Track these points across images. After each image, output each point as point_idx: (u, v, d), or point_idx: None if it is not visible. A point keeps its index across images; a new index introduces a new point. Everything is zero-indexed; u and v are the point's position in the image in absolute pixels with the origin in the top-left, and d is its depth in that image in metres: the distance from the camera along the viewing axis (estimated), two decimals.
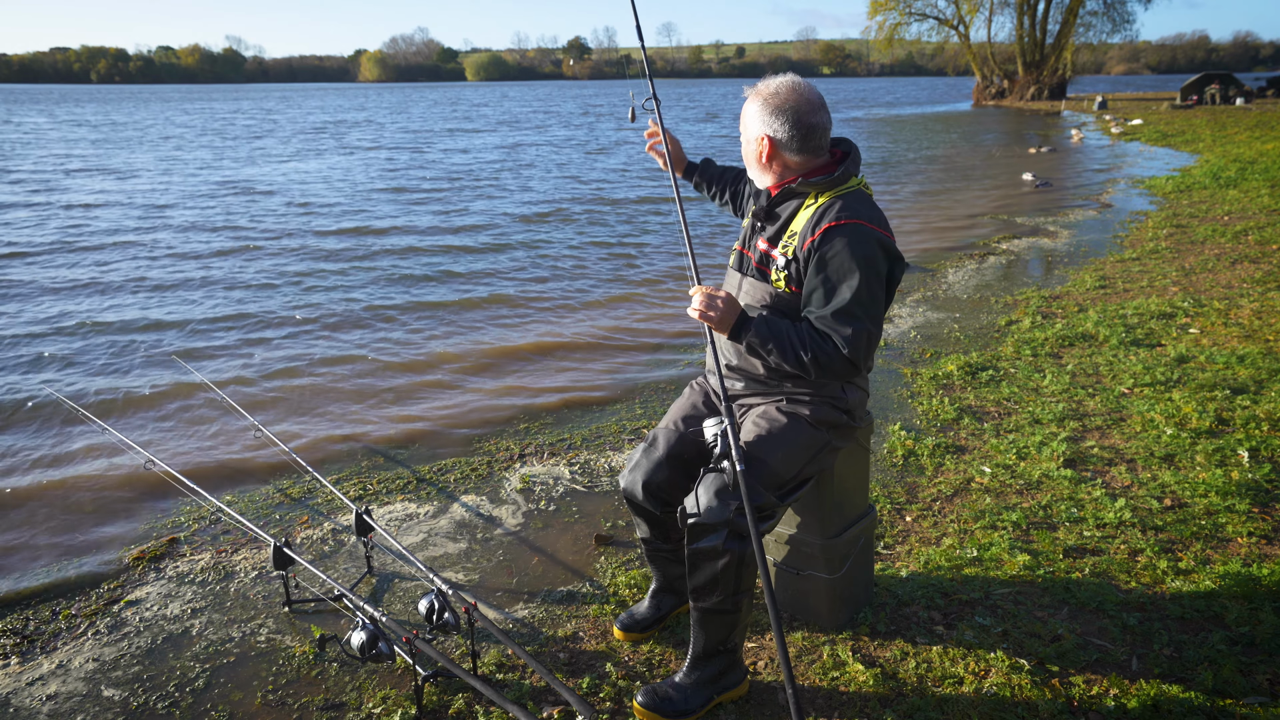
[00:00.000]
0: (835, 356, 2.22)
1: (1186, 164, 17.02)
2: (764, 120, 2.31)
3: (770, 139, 2.32)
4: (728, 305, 2.25)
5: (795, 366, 2.26)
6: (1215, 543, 3.14)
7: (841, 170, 2.32)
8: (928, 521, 3.40)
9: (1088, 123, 32.19)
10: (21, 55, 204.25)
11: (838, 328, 2.21)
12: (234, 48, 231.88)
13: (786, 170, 2.36)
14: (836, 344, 2.21)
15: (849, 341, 2.20)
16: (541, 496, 3.84)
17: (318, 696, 2.54)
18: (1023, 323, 6.21)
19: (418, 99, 69.62)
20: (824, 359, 2.22)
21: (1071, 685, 2.42)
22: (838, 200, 2.28)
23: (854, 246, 2.21)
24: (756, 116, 2.32)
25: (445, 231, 11.16)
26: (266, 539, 2.98)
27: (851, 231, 2.22)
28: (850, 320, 2.20)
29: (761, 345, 2.25)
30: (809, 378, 2.31)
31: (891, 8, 54.83)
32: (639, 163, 19.59)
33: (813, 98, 2.31)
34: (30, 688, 2.64)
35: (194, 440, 4.69)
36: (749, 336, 2.26)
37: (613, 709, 2.42)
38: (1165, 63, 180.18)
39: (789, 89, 2.29)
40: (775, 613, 1.99)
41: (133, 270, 8.97)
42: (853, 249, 2.21)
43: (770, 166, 2.36)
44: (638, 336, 6.61)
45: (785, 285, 2.33)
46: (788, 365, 2.27)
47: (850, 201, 2.28)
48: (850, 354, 2.21)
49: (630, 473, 2.53)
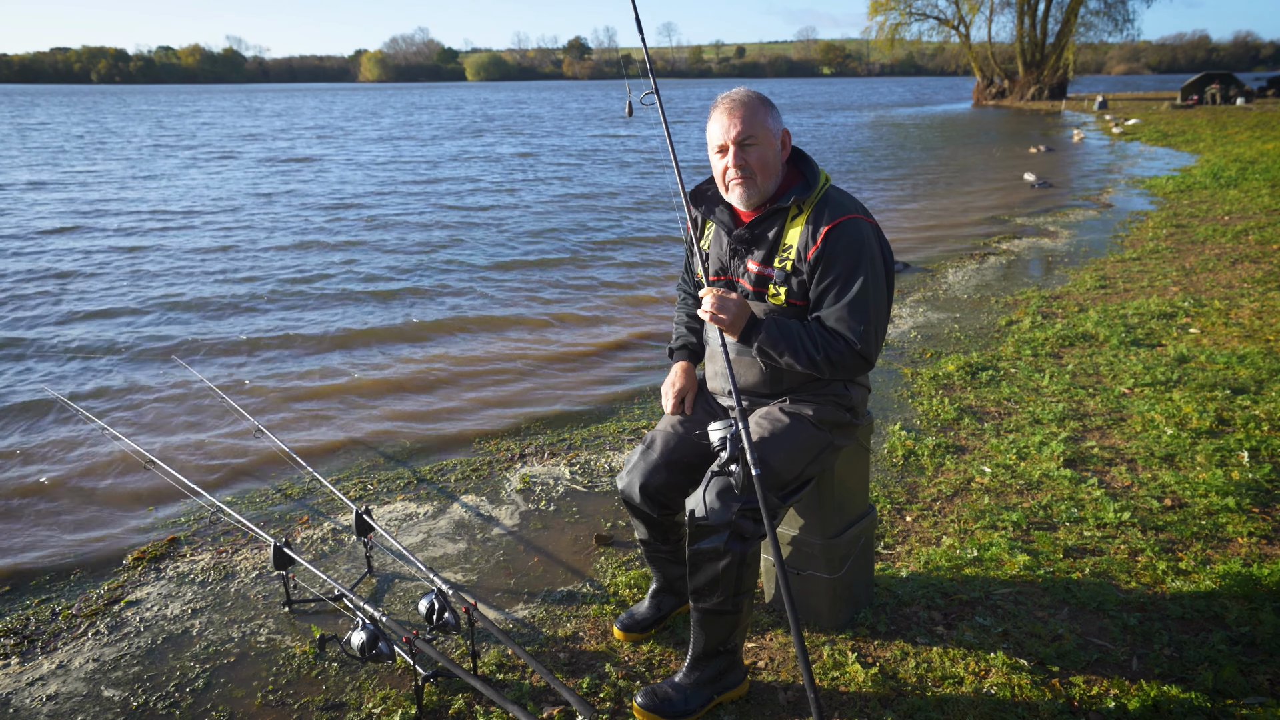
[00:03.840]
0: (847, 353, 2.24)
1: (1187, 164, 17.02)
2: (778, 117, 2.36)
3: (787, 131, 2.38)
4: (739, 307, 2.26)
5: (808, 367, 2.27)
6: (1215, 543, 3.14)
7: (812, 176, 2.37)
8: (928, 521, 3.40)
9: (1088, 122, 32.19)
10: (21, 55, 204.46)
11: (850, 323, 2.23)
12: (234, 48, 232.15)
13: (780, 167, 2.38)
14: (848, 340, 2.24)
15: (861, 337, 2.23)
16: (542, 497, 3.84)
17: (318, 696, 2.54)
18: (1023, 323, 6.21)
19: (391, 103, 69.56)
20: (836, 357, 2.24)
21: (1071, 685, 2.42)
22: (825, 203, 2.32)
23: (856, 242, 2.26)
24: (773, 116, 2.34)
25: (447, 232, 11.16)
26: (266, 539, 2.98)
27: (851, 227, 2.27)
28: (862, 315, 2.24)
29: (773, 347, 2.26)
30: (822, 377, 2.33)
31: (892, 7, 54.89)
32: (635, 164, 19.59)
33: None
34: (30, 688, 2.64)
35: (194, 440, 4.69)
36: (760, 339, 2.26)
37: (613, 709, 2.42)
38: (1165, 63, 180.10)
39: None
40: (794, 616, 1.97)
41: (132, 271, 8.97)
42: (856, 245, 2.26)
43: (781, 162, 2.38)
44: (639, 337, 6.61)
45: (785, 300, 2.34)
46: (799, 366, 2.27)
47: (837, 200, 2.34)
48: (862, 349, 2.24)
49: (628, 474, 2.53)
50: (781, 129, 2.36)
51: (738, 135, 2.29)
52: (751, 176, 2.31)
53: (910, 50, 65.97)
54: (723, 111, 2.32)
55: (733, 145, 2.30)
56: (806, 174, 2.37)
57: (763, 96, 2.35)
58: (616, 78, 2.87)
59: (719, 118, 2.33)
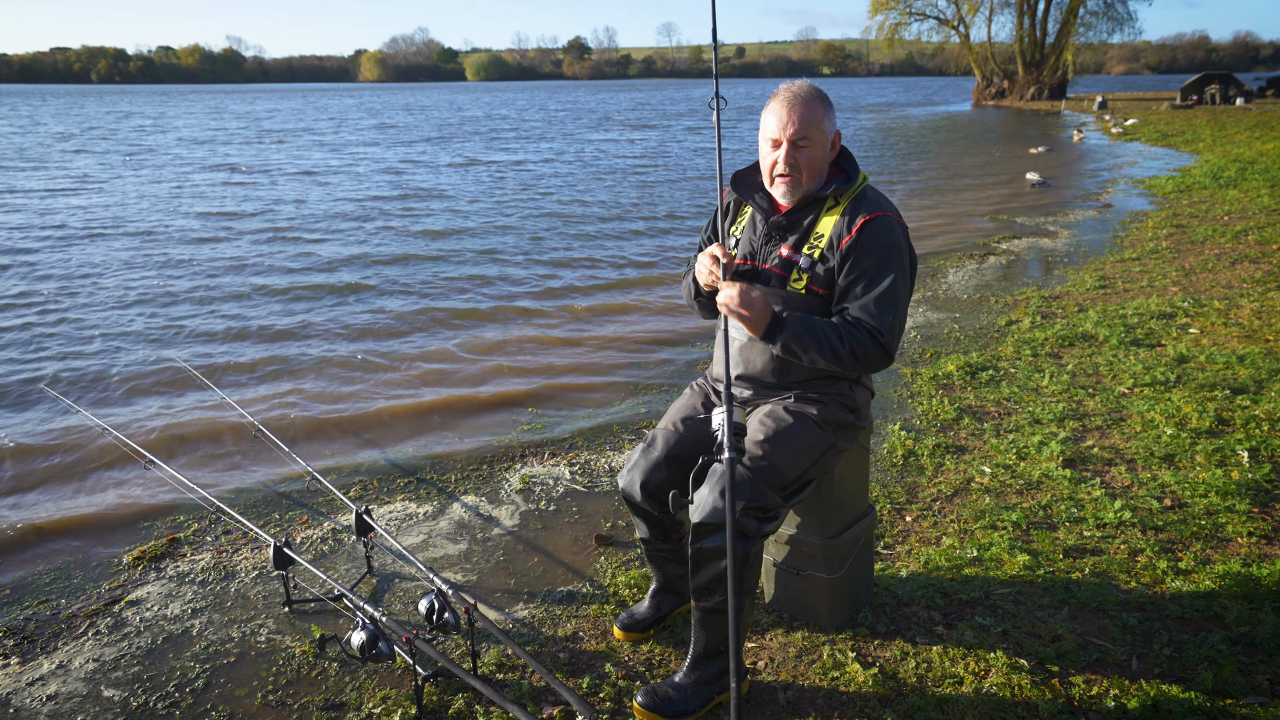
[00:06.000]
0: (872, 346, 2.25)
1: (1186, 164, 17.02)
2: (834, 117, 2.38)
3: (839, 132, 2.40)
4: (762, 304, 2.24)
5: (831, 361, 2.26)
6: (1215, 543, 3.14)
7: (853, 171, 2.41)
8: (928, 521, 3.40)
9: (1088, 123, 32.19)
10: (21, 55, 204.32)
11: (878, 316, 2.25)
12: (234, 48, 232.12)
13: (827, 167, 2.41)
14: (871, 333, 2.25)
15: (885, 330, 2.25)
16: (541, 496, 3.84)
17: (318, 696, 2.54)
18: (1023, 323, 6.21)
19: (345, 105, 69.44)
20: (860, 350, 2.25)
21: (1071, 685, 2.42)
22: (862, 198, 2.36)
23: (888, 239, 2.30)
24: (830, 116, 2.35)
25: (447, 233, 11.16)
26: (266, 539, 2.98)
27: (883, 224, 2.31)
28: (888, 309, 2.26)
29: (798, 343, 2.25)
30: (843, 371, 2.33)
31: (892, 7, 54.87)
32: (647, 161, 19.59)
33: None
34: (30, 688, 2.64)
35: (194, 440, 4.69)
36: (784, 337, 2.25)
37: (613, 709, 2.42)
38: (1165, 63, 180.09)
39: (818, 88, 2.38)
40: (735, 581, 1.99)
41: (131, 270, 8.97)
42: (888, 241, 2.30)
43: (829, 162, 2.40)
44: (638, 338, 6.61)
45: (805, 287, 2.35)
46: (822, 361, 2.27)
47: (873, 197, 2.37)
48: (885, 341, 2.26)
49: (629, 473, 2.53)
50: (835, 130, 2.37)
51: (794, 134, 2.29)
52: (798, 176, 2.33)
53: (910, 50, 66.03)
54: (782, 104, 2.31)
55: (786, 143, 2.31)
56: (847, 169, 2.41)
57: (823, 94, 2.35)
58: (617, 78, 2.81)
59: (778, 109, 2.32)
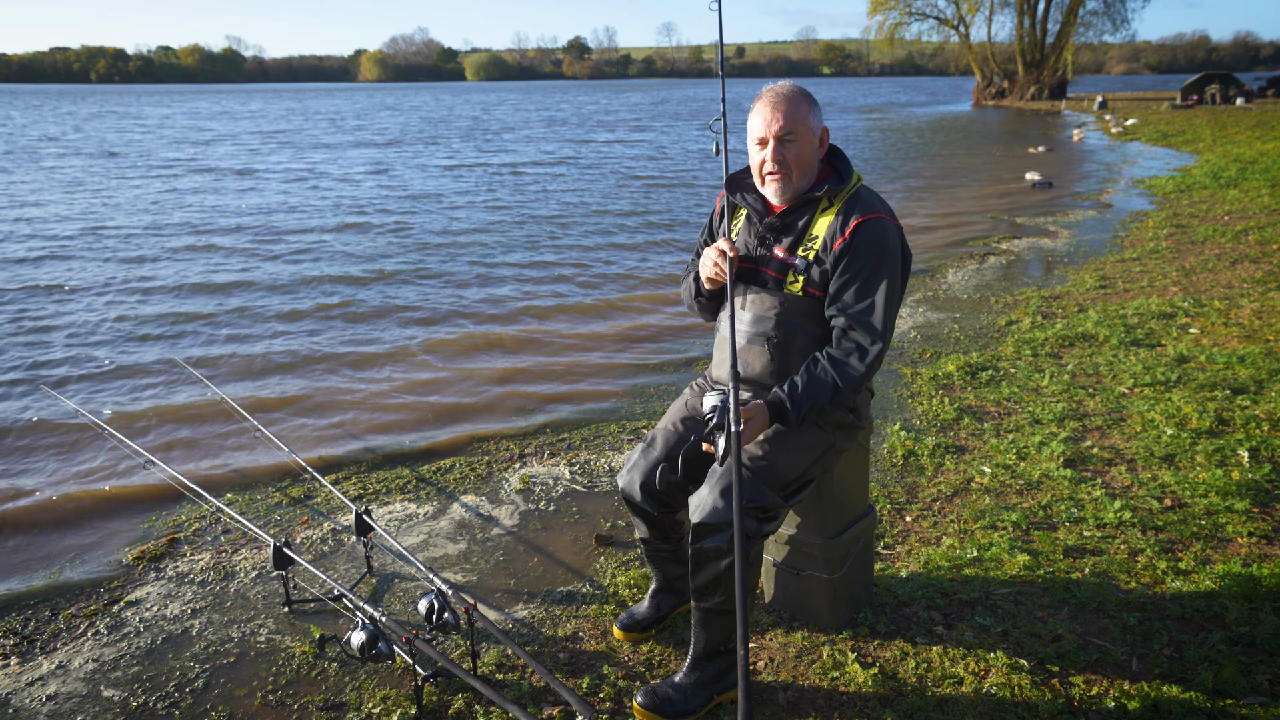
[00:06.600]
0: (857, 377, 2.29)
1: (1187, 164, 17.02)
2: (819, 114, 2.37)
3: (826, 129, 2.40)
4: (760, 414, 2.24)
5: (845, 398, 2.32)
6: (1215, 543, 3.14)
7: (846, 172, 2.39)
8: (928, 521, 3.40)
9: (1088, 122, 32.18)
10: (21, 55, 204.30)
11: (866, 325, 2.27)
12: (234, 48, 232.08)
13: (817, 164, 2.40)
14: (860, 351, 2.28)
15: (874, 339, 2.28)
16: (541, 497, 3.84)
17: (318, 696, 2.54)
18: (1023, 323, 6.21)
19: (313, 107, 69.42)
20: (857, 374, 2.28)
21: (1071, 685, 2.42)
22: (856, 199, 2.35)
23: (882, 242, 2.29)
24: (815, 113, 2.35)
25: (446, 234, 11.16)
26: (266, 539, 2.98)
27: (877, 225, 2.30)
28: (878, 315, 2.28)
29: (810, 414, 2.28)
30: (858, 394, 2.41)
31: (892, 7, 54.84)
32: (643, 161, 19.60)
33: None
34: (30, 688, 2.64)
35: (193, 440, 4.69)
36: (794, 420, 2.27)
37: (613, 709, 2.42)
38: (1165, 63, 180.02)
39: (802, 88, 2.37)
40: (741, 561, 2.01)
41: (131, 271, 8.97)
42: (881, 244, 2.29)
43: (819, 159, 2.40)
44: (638, 338, 6.61)
45: (801, 289, 2.35)
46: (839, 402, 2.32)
47: (867, 198, 2.36)
48: (876, 350, 2.28)
49: (628, 473, 2.53)
50: (821, 126, 2.37)
51: (779, 130, 2.30)
52: (788, 172, 2.33)
53: (910, 50, 66.06)
54: (766, 104, 2.33)
55: (773, 140, 2.31)
56: (840, 169, 2.40)
57: (806, 92, 2.35)
58: (617, 77, 2.82)
59: (762, 110, 2.33)
